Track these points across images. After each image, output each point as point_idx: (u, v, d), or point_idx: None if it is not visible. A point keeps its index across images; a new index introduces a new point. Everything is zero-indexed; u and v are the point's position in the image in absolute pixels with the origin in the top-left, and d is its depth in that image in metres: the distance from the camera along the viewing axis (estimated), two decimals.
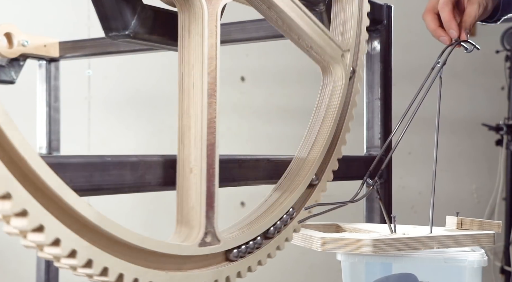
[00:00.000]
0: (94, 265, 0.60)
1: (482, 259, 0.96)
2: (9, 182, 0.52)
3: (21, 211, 0.53)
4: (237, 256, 0.78)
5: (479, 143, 3.02)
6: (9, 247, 2.79)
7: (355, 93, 1.00)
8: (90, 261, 0.59)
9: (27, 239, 0.56)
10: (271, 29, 1.42)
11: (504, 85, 2.90)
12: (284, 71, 2.95)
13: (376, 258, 0.99)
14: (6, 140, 0.53)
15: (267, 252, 0.84)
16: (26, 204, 0.54)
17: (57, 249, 0.57)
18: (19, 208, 0.53)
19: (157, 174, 0.76)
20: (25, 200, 0.54)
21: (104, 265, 0.61)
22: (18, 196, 0.53)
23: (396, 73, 1.37)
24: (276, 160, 0.94)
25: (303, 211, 0.91)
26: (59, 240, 0.56)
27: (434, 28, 1.13)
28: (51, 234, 0.56)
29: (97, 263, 0.60)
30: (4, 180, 0.52)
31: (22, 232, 0.56)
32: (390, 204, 1.30)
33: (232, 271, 0.77)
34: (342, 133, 0.98)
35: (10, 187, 0.52)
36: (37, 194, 0.55)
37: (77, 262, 0.58)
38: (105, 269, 0.61)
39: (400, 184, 2.93)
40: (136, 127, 3.01)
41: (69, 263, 0.59)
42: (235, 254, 0.77)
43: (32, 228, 0.55)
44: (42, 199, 0.56)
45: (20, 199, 0.53)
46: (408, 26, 2.80)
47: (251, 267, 0.80)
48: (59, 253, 0.57)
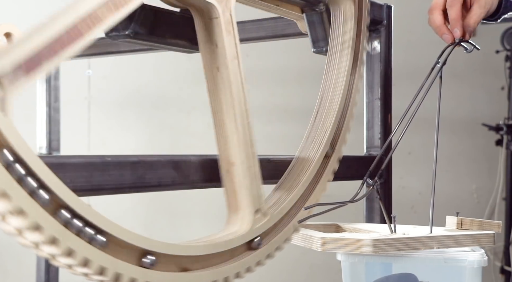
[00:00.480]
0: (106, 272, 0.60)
1: (482, 259, 0.95)
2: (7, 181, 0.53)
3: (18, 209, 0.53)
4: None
5: (479, 143, 3.02)
6: (9, 247, 2.79)
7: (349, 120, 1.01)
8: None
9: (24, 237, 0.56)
10: (271, 29, 1.41)
11: (504, 85, 2.90)
12: (284, 71, 2.95)
13: (376, 258, 0.99)
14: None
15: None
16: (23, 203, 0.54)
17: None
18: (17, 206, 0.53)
19: (157, 174, 0.76)
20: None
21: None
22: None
23: (396, 73, 1.37)
24: (276, 160, 0.94)
25: (303, 210, 0.91)
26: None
27: (438, 25, 1.11)
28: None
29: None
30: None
31: (17, 230, 0.56)
32: (390, 204, 1.30)
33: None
34: (343, 132, 0.98)
35: (7, 186, 0.53)
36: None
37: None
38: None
39: (400, 184, 2.93)
40: (136, 127, 3.01)
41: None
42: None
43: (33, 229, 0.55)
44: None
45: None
46: (408, 26, 2.80)
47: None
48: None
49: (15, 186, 0.53)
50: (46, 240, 0.56)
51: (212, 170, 0.84)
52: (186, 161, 0.80)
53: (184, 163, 0.80)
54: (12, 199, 0.53)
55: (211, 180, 0.84)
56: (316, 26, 1.10)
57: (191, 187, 0.82)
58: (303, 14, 1.09)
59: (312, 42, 1.12)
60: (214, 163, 0.84)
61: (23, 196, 0.54)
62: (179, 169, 0.79)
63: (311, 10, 1.07)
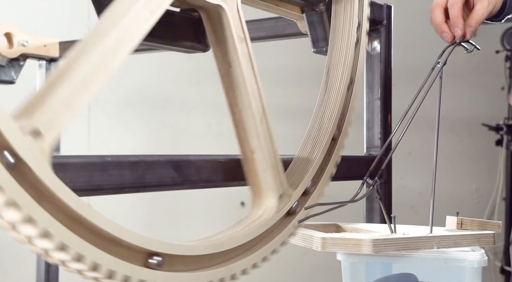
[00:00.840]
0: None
1: (482, 259, 0.95)
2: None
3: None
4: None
5: (479, 143, 3.02)
6: (9, 247, 2.79)
7: (354, 99, 1.01)
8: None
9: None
10: (271, 29, 1.41)
11: (504, 85, 2.90)
12: (284, 71, 2.95)
13: (376, 258, 0.99)
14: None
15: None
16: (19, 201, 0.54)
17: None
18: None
19: (157, 174, 0.76)
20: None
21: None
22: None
23: (396, 73, 1.37)
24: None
25: (303, 210, 0.91)
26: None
27: (439, 23, 1.10)
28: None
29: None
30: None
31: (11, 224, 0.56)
32: (390, 204, 1.30)
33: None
34: (341, 136, 0.98)
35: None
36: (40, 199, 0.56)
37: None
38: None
39: (400, 184, 2.93)
40: (136, 127, 3.01)
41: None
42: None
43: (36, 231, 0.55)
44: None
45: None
46: (408, 26, 2.80)
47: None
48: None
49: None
50: (56, 247, 0.56)
51: (212, 170, 0.84)
52: (186, 161, 0.80)
53: (184, 163, 0.80)
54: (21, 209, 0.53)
55: (211, 180, 0.84)
56: (316, 26, 1.10)
57: (191, 187, 0.82)
58: (303, 14, 1.09)
59: (312, 42, 1.12)
60: (214, 163, 0.84)
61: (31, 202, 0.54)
62: (179, 169, 0.79)
63: (311, 10, 1.07)
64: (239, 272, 0.77)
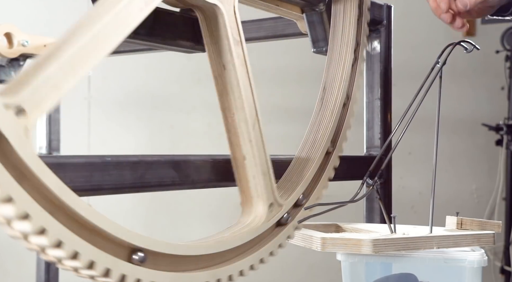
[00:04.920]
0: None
1: (482, 259, 0.95)
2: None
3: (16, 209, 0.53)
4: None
5: (479, 143, 3.02)
6: (9, 247, 2.79)
7: (350, 116, 1.01)
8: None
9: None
10: (271, 29, 1.41)
11: (504, 85, 2.90)
12: (284, 71, 2.95)
13: (376, 258, 0.98)
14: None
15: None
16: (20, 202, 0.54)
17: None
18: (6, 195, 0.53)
19: (157, 174, 0.76)
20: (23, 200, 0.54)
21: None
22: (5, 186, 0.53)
23: (396, 73, 1.37)
24: (276, 160, 0.94)
25: (303, 210, 0.91)
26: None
27: (435, 6, 1.10)
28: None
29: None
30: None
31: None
32: (390, 204, 1.29)
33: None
34: (335, 152, 0.99)
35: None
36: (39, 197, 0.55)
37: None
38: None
39: (400, 184, 2.93)
40: (136, 127, 3.01)
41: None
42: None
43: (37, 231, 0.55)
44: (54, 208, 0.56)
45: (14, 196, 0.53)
46: (408, 26, 2.80)
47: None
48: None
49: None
50: (35, 231, 0.55)
51: (212, 170, 0.84)
52: (186, 161, 0.80)
53: (184, 163, 0.80)
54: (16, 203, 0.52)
55: (211, 180, 0.84)
56: (316, 26, 1.10)
57: (191, 187, 0.82)
58: (303, 14, 1.09)
59: (312, 42, 1.12)
60: (214, 163, 0.84)
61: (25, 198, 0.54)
62: (179, 169, 0.79)
63: (311, 10, 1.07)
64: (225, 278, 0.76)
